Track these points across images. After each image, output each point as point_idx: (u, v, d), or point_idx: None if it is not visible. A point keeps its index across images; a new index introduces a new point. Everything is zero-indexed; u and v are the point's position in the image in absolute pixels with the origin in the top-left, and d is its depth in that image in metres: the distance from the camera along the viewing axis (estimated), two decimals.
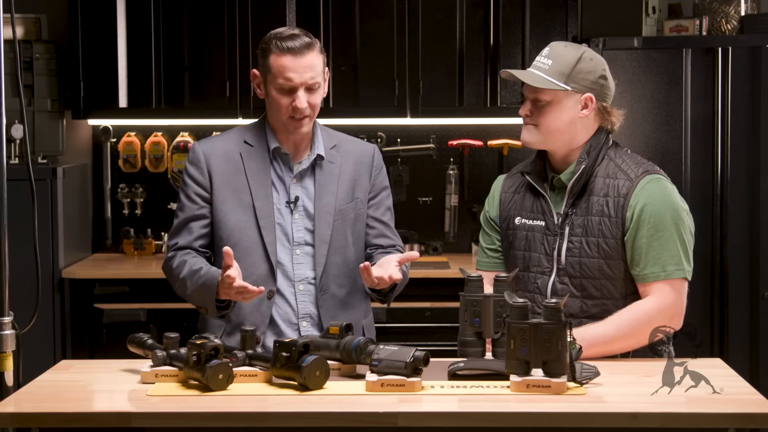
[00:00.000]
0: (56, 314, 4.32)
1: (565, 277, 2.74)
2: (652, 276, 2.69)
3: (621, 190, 2.72)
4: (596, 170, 2.76)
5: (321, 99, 2.83)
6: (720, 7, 4.49)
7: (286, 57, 2.75)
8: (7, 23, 2.66)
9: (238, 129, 2.96)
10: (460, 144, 4.79)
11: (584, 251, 2.72)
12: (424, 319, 4.31)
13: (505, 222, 2.88)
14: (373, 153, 2.98)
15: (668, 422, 2.23)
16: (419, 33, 4.52)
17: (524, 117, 2.78)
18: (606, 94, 2.78)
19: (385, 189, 2.99)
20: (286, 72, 2.75)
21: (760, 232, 4.28)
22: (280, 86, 2.77)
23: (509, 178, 2.94)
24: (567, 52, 2.75)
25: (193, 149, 2.90)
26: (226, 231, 2.84)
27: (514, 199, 2.88)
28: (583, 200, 2.75)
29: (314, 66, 2.78)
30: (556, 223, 2.77)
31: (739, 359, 4.17)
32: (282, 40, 2.76)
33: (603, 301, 2.73)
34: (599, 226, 2.72)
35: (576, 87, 2.73)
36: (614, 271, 2.72)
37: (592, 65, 2.75)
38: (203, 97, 4.58)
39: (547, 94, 2.73)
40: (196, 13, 4.56)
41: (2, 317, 2.62)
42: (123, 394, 2.41)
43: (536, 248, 2.79)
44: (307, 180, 2.89)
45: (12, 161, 4.38)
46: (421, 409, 2.28)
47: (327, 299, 2.86)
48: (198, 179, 2.87)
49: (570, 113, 2.74)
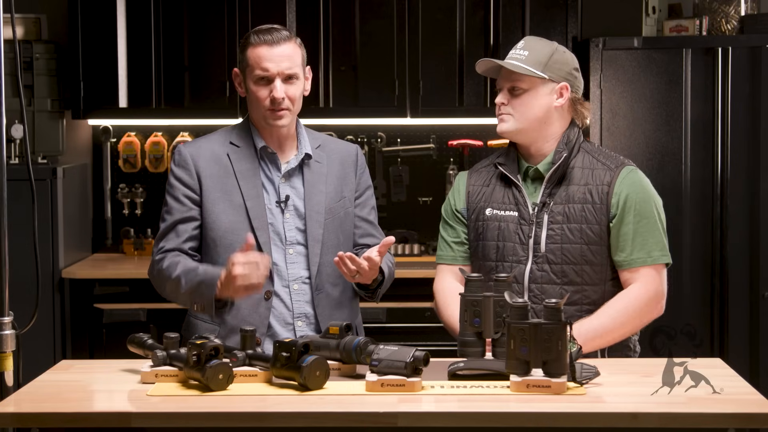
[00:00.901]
0: (56, 314, 4.32)
1: (545, 264, 2.79)
2: (639, 261, 2.77)
3: (603, 179, 2.80)
4: (573, 162, 2.84)
5: (300, 93, 2.83)
6: (720, 7, 4.49)
7: (262, 47, 2.78)
8: (7, 23, 2.66)
9: (222, 131, 2.95)
10: (460, 144, 4.79)
11: (566, 237, 2.78)
12: (424, 319, 4.31)
13: (474, 213, 2.92)
14: (357, 152, 3.00)
15: (668, 422, 2.23)
16: (419, 33, 4.52)
17: (500, 106, 2.87)
18: (578, 87, 2.89)
19: (369, 188, 3.01)
20: (262, 62, 2.77)
21: (760, 232, 4.28)
22: (257, 77, 2.79)
23: (474, 173, 3.00)
24: (542, 44, 2.87)
25: (179, 151, 2.88)
26: (219, 233, 2.83)
27: (483, 191, 2.93)
28: (561, 189, 2.82)
29: (291, 56, 2.79)
30: (531, 212, 2.82)
31: (739, 359, 4.17)
32: (259, 34, 2.81)
33: (583, 287, 2.79)
34: (582, 213, 2.78)
35: (552, 76, 2.82)
36: (596, 256, 2.79)
37: (565, 57, 2.87)
38: (203, 97, 4.58)
39: (525, 81, 2.82)
40: (196, 13, 4.56)
41: (2, 317, 2.62)
42: (123, 394, 2.41)
43: (510, 238, 2.84)
44: (295, 179, 2.89)
45: (12, 161, 4.39)
46: (421, 409, 2.28)
47: (322, 298, 2.86)
48: (186, 181, 2.85)
49: (546, 101, 2.83)
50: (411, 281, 4.13)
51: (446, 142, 4.81)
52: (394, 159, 4.77)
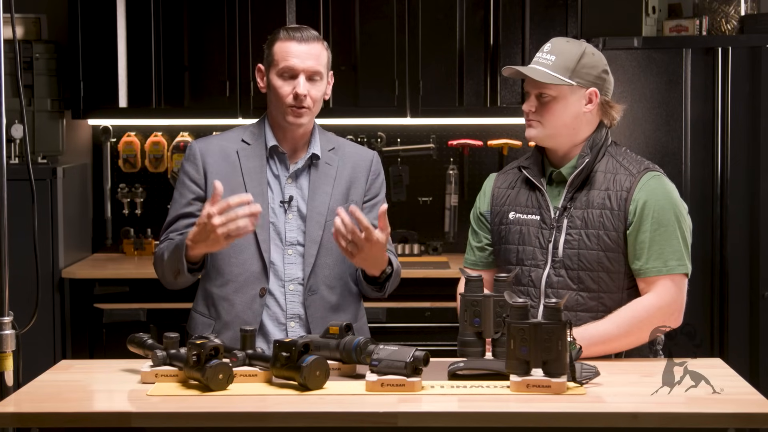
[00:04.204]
0: (56, 314, 4.32)
1: (562, 269, 2.75)
2: (654, 270, 2.70)
3: (623, 184, 2.73)
4: (597, 166, 2.78)
5: (321, 95, 2.84)
6: (720, 7, 4.49)
7: (291, 43, 2.79)
8: (7, 23, 2.66)
9: (237, 128, 2.96)
10: (460, 144, 4.79)
11: (583, 243, 2.73)
12: (424, 319, 4.31)
13: (498, 217, 2.89)
14: (372, 158, 2.98)
15: (668, 422, 2.23)
16: (419, 33, 4.52)
17: (528, 113, 2.79)
18: (608, 89, 2.81)
19: (380, 194, 2.98)
20: (289, 57, 2.78)
21: (760, 232, 4.28)
22: (282, 71, 2.79)
23: (502, 175, 2.96)
24: (570, 47, 2.77)
25: (191, 147, 2.91)
26: None
27: (507, 194, 2.89)
28: (582, 194, 2.76)
29: (317, 56, 2.80)
30: (552, 216, 2.78)
31: (739, 359, 4.17)
32: (290, 30, 2.83)
33: (599, 294, 2.73)
34: (600, 219, 2.72)
35: (581, 82, 2.75)
36: (613, 264, 2.73)
37: (594, 60, 2.78)
38: (203, 96, 4.58)
39: (552, 89, 2.74)
40: (196, 13, 4.56)
41: (2, 317, 2.62)
42: (123, 394, 2.41)
43: (530, 242, 2.80)
44: (302, 180, 2.89)
45: (12, 161, 4.38)
46: (421, 409, 2.28)
47: (315, 300, 2.85)
48: (193, 176, 2.87)
49: (575, 108, 2.76)
50: (411, 281, 4.13)
51: (446, 142, 4.81)
52: (394, 159, 4.77)
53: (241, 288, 2.83)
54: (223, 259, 2.84)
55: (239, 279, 2.83)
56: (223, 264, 2.85)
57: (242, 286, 2.83)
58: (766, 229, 4.28)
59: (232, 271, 2.83)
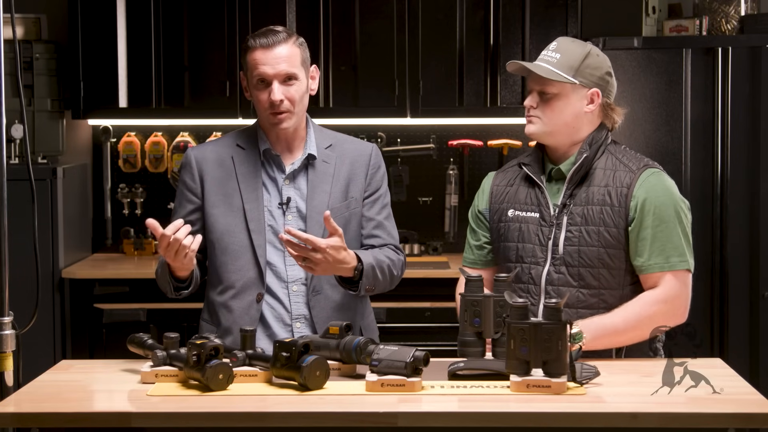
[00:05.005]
0: (56, 314, 4.32)
1: (562, 266, 2.75)
2: (656, 267, 2.71)
3: (624, 181, 2.74)
4: (596, 163, 2.78)
5: (302, 94, 2.82)
6: (720, 7, 4.49)
7: (258, 51, 2.78)
8: (7, 23, 2.66)
9: (232, 134, 2.96)
10: (460, 144, 4.79)
11: (584, 240, 2.73)
12: (424, 319, 4.31)
13: (497, 215, 2.89)
14: (371, 152, 2.97)
15: (668, 422, 2.23)
16: (419, 33, 4.52)
17: (529, 108, 2.80)
18: (610, 91, 2.82)
19: (382, 187, 2.96)
20: (259, 65, 2.77)
21: (760, 232, 4.28)
22: (256, 81, 2.79)
23: (500, 173, 2.96)
24: (575, 47, 2.78)
25: (186, 155, 2.92)
26: (216, 235, 2.85)
27: (506, 191, 2.89)
28: (582, 190, 2.77)
29: (288, 57, 2.78)
30: (552, 213, 2.78)
31: (739, 359, 4.17)
32: (256, 37, 2.80)
33: (600, 290, 2.74)
34: (600, 215, 2.73)
35: (584, 81, 2.75)
36: (614, 260, 2.73)
37: (599, 61, 2.79)
38: (203, 97, 4.58)
39: (555, 86, 2.75)
40: (196, 13, 4.56)
41: (2, 317, 2.62)
42: (123, 394, 2.41)
43: (530, 239, 2.80)
44: (300, 180, 2.89)
45: (12, 161, 4.38)
46: (421, 409, 2.28)
47: (320, 300, 2.85)
48: (189, 185, 2.88)
49: (576, 107, 2.77)
50: (411, 281, 4.11)
51: (446, 142, 4.81)
52: (394, 159, 4.77)
53: (239, 294, 2.84)
54: (221, 267, 2.85)
55: (237, 285, 2.84)
56: (222, 271, 2.85)
57: (240, 292, 2.84)
58: (766, 229, 4.29)
59: (229, 277, 2.84)
